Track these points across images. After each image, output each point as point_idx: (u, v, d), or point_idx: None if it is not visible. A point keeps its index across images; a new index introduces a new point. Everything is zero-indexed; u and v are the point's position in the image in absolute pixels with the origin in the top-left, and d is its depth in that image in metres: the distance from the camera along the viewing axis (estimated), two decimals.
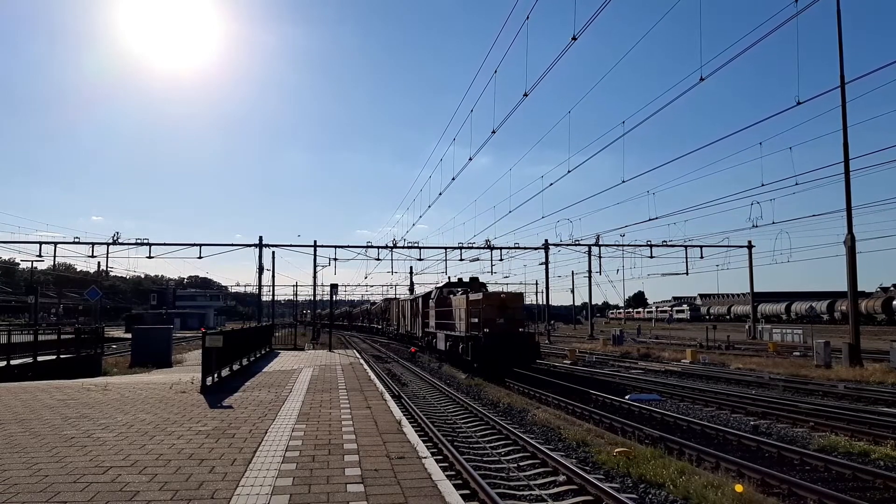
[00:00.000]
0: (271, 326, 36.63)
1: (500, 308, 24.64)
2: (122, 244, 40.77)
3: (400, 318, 48.74)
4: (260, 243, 42.19)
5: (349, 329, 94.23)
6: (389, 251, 45.75)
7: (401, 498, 5.95)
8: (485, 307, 24.55)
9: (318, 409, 11.63)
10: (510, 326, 24.35)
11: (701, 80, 14.10)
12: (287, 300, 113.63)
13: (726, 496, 7.69)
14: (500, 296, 25.93)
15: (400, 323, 48.78)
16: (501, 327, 24.07)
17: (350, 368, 21.02)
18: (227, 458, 7.55)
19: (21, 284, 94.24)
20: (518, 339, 24.24)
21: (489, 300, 25.06)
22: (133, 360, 26.48)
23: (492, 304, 24.76)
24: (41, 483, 6.38)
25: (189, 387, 14.87)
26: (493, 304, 24.81)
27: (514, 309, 25.15)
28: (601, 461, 10.00)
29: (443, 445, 10.81)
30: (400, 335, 49.37)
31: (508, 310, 24.75)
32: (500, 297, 25.66)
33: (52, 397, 13.35)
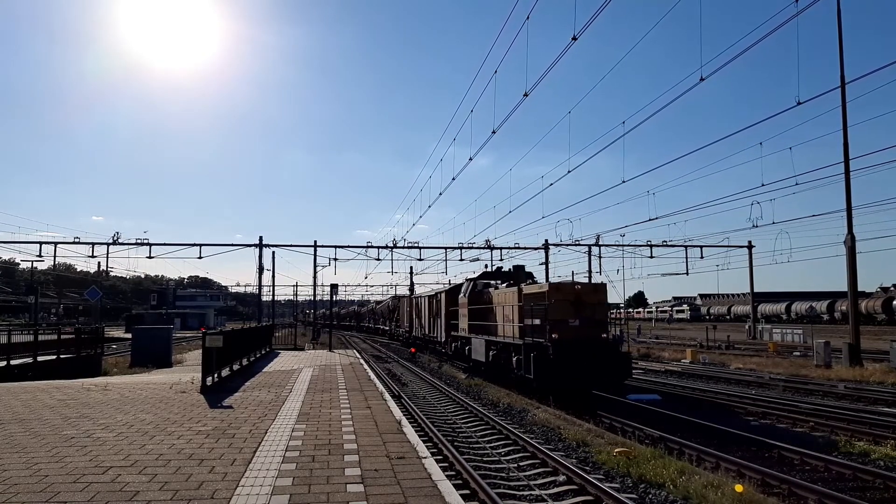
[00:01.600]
0: (271, 326, 36.64)
1: (576, 304, 17.44)
2: (122, 244, 40.74)
3: (413, 318, 41.38)
4: (260, 243, 42.18)
5: (349, 329, 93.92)
6: (389, 251, 45.71)
7: (401, 498, 5.95)
8: (553, 304, 17.20)
9: (318, 409, 11.63)
10: (590, 330, 17.33)
11: (701, 80, 14.10)
12: (287, 300, 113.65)
13: (726, 496, 7.68)
14: (574, 287, 18.16)
15: (414, 325, 41.22)
16: (577, 332, 17.15)
17: (350, 368, 21.02)
18: (227, 458, 7.55)
19: (21, 284, 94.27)
20: (602, 349, 17.21)
21: (559, 293, 17.65)
22: (133, 360, 26.49)
23: (563, 300, 17.39)
24: (41, 483, 6.39)
25: (189, 387, 14.87)
26: (564, 298, 17.45)
27: (594, 306, 17.74)
28: (601, 461, 9.99)
29: (443, 445, 10.81)
30: (414, 339, 41.07)
31: (586, 307, 17.51)
32: (575, 288, 18.07)
33: (52, 397, 13.35)
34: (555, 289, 18.03)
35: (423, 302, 38.04)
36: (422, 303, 38.40)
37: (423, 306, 37.74)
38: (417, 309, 40.02)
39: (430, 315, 34.99)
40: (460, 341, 27.10)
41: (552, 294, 17.58)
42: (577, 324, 17.28)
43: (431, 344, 35.14)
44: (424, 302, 37.26)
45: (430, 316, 34.96)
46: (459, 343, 27.25)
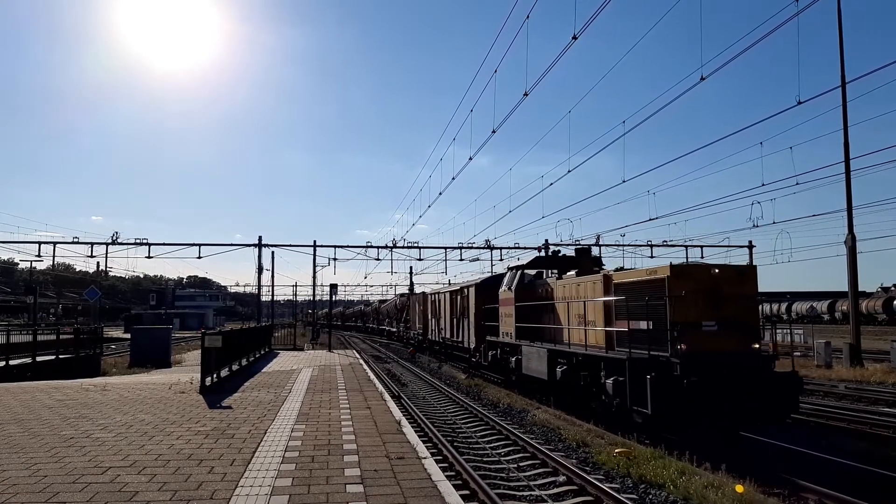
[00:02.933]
0: (271, 326, 36.60)
1: (712, 299, 11.46)
2: (122, 244, 40.67)
3: (429, 319, 35.04)
4: (259, 243, 42.13)
5: (350, 330, 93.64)
6: (389, 251, 45.63)
7: (400, 498, 5.93)
8: (680, 298, 11.34)
9: (318, 409, 11.62)
10: (733, 338, 11.48)
11: (701, 79, 14.08)
12: (287, 300, 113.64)
13: (727, 496, 7.67)
14: (709, 272, 11.82)
15: (430, 327, 34.82)
16: (716, 341, 11.35)
17: (350, 369, 21.00)
18: (226, 458, 7.53)
19: (20, 284, 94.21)
20: (754, 367, 11.55)
21: (687, 280, 11.53)
22: (132, 361, 26.45)
23: (694, 291, 11.42)
24: (40, 483, 6.37)
25: (188, 387, 14.85)
26: (695, 289, 11.44)
27: (738, 301, 11.64)
28: (601, 461, 9.97)
29: (442, 446, 10.78)
30: (429, 344, 35.26)
31: (727, 303, 11.49)
32: (711, 274, 11.76)
33: (51, 397, 13.33)
34: (680, 274, 11.60)
35: (442, 299, 31.12)
36: (440, 300, 31.48)
37: (442, 304, 30.96)
38: (434, 308, 33.42)
39: (452, 315, 28.47)
40: (502, 349, 20.75)
41: (676, 282, 11.43)
42: (713, 328, 11.39)
43: (455, 350, 28.66)
44: (444, 299, 30.53)
45: (452, 316, 28.55)
46: (500, 352, 20.94)
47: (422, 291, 41.80)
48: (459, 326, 27.20)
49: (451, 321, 28.86)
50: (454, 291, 28.82)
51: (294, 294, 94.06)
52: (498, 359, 21.17)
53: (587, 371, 13.91)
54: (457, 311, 27.80)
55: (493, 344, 21.79)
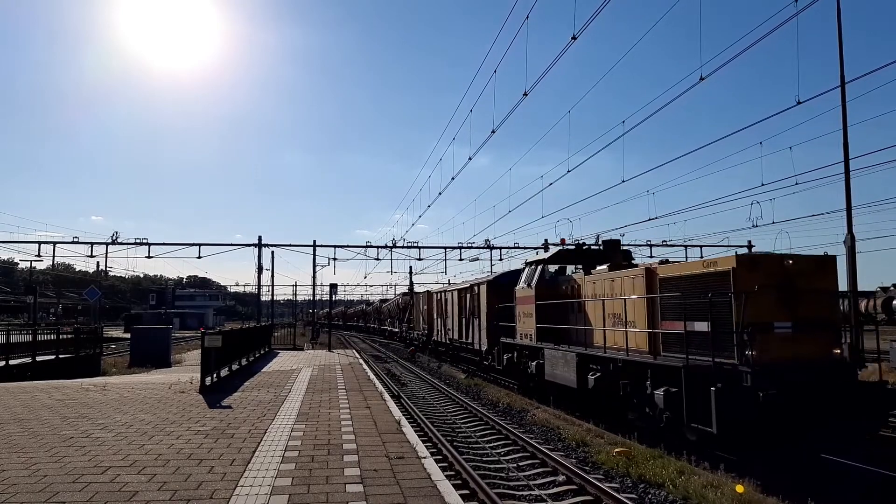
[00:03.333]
0: (270, 326, 36.61)
1: (786, 295, 9.85)
2: (122, 244, 40.63)
3: (434, 319, 33.55)
4: (259, 243, 42.12)
5: (351, 330, 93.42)
6: (389, 251, 45.62)
7: (400, 498, 5.94)
8: (759, 294, 9.59)
9: (318, 409, 11.62)
10: (811, 341, 9.89)
11: (701, 79, 14.08)
12: (286, 300, 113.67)
13: (726, 496, 7.68)
14: (781, 264, 10.12)
15: (436, 327, 33.16)
16: (792, 346, 9.74)
17: (349, 368, 21.00)
18: (226, 458, 7.54)
19: (20, 284, 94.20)
20: (837, 377, 9.87)
21: (757, 273, 9.85)
22: (132, 360, 26.46)
23: (766, 287, 9.72)
24: (40, 483, 6.37)
25: (188, 387, 14.85)
26: (766, 283, 9.77)
27: (817, 297, 10.05)
28: (601, 461, 9.98)
29: (442, 445, 10.79)
30: (435, 346, 33.57)
31: (803, 299, 9.89)
32: (784, 265, 10.07)
33: (51, 397, 13.34)
34: (748, 266, 9.85)
35: (449, 298, 29.31)
36: (448, 299, 29.63)
37: (449, 303, 29.12)
38: (441, 307, 31.42)
39: (460, 315, 26.91)
40: (519, 352, 18.65)
41: (743, 276, 9.68)
42: (788, 330, 9.70)
43: (463, 352, 26.96)
44: (452, 297, 28.77)
45: (460, 316, 26.93)
46: (517, 355, 18.84)
47: (426, 290, 38.69)
48: (469, 327, 25.34)
49: (460, 321, 27.03)
50: (463, 289, 26.75)
51: (294, 294, 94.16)
52: (514, 363, 18.99)
53: (627, 379, 12.00)
54: (466, 310, 25.92)
55: (508, 346, 19.51)
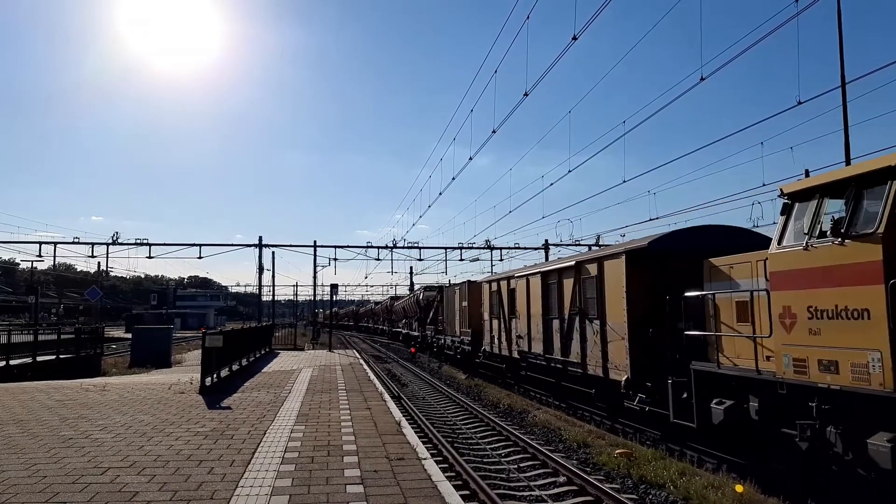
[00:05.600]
0: (271, 326, 36.61)
1: None
2: (122, 244, 40.65)
3: (489, 321, 22.59)
4: (260, 243, 42.12)
5: (348, 330, 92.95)
6: (389, 251, 45.63)
7: (400, 499, 5.92)
8: None
9: (318, 409, 11.61)
10: None
11: (701, 79, 14.02)
12: (287, 300, 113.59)
13: (727, 496, 7.66)
14: None
15: (492, 332, 22.07)
16: None
17: (350, 369, 20.99)
18: (225, 458, 7.53)
19: (21, 284, 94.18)
20: None
21: None
22: (132, 361, 26.48)
23: None
24: (40, 483, 6.36)
25: (188, 387, 14.84)
26: None
27: None
28: (602, 462, 9.96)
29: (442, 447, 10.78)
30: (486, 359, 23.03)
31: None
32: None
33: (51, 398, 13.32)
34: None
35: (521, 287, 18.98)
36: (516, 289, 19.50)
37: (521, 296, 18.87)
38: (500, 302, 21.06)
39: (550, 313, 16.68)
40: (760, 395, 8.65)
41: None
42: None
43: (557, 376, 16.39)
44: (527, 286, 18.40)
45: (549, 315, 16.70)
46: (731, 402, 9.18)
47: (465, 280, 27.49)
48: (573, 336, 14.93)
49: (547, 324, 16.70)
50: (556, 270, 16.32)
51: (294, 294, 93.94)
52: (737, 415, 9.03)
53: None
54: (563, 305, 15.61)
55: (706, 379, 9.72)
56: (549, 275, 16.87)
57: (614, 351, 12.70)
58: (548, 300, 16.83)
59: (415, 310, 41.57)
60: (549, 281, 16.82)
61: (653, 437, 11.75)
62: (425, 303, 37.40)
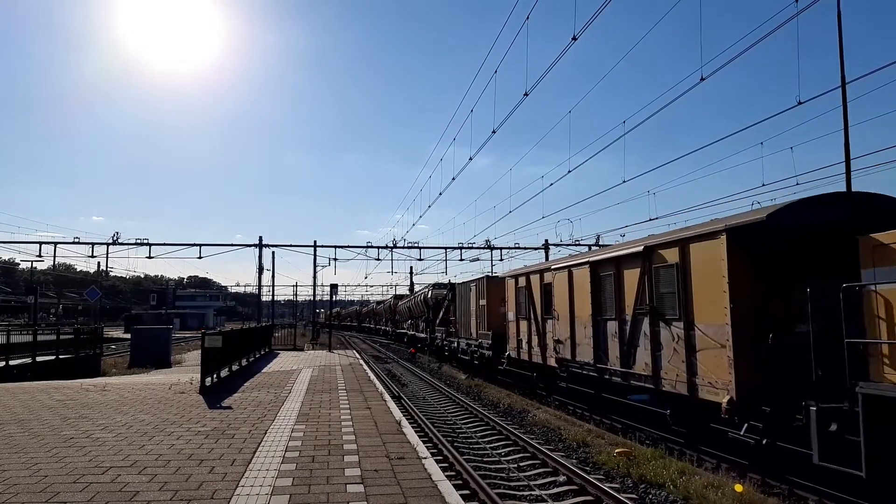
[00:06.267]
0: (271, 327, 36.60)
1: None
2: (122, 244, 40.60)
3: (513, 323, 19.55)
4: (260, 243, 42.10)
5: (349, 330, 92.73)
6: (389, 251, 45.58)
7: (401, 498, 5.94)
8: None
9: (318, 409, 11.61)
10: None
11: (701, 80, 14.04)
12: (287, 300, 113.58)
13: (727, 496, 7.68)
14: None
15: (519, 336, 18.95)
16: None
17: (350, 369, 20.99)
18: (226, 458, 7.54)
19: (21, 284, 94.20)
20: None
21: None
22: (132, 361, 26.47)
23: None
24: (41, 483, 6.37)
25: (188, 387, 14.85)
26: None
27: None
28: (602, 461, 9.98)
29: (443, 446, 10.80)
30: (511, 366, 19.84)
31: None
32: None
33: (51, 398, 13.33)
34: None
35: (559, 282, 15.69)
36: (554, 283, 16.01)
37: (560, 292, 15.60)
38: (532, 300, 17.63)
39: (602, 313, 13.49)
40: None
41: None
42: None
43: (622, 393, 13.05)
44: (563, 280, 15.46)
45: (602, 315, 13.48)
46: None
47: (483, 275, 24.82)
48: (637, 342, 11.96)
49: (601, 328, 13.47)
50: (619, 258, 12.78)
51: (294, 294, 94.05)
52: None
53: None
54: (625, 302, 12.42)
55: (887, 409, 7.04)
56: (602, 265, 13.67)
57: (708, 363, 9.74)
58: (600, 297, 13.65)
59: (422, 309, 38.31)
60: (601, 273, 13.65)
61: (652, 437, 11.76)
62: (434, 302, 34.52)
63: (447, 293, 31.40)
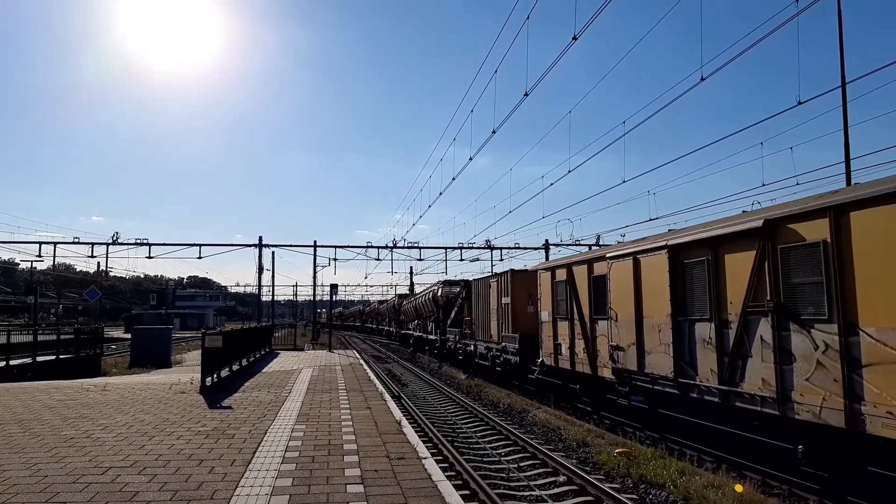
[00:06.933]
0: (271, 326, 36.60)
1: None
2: (122, 244, 40.61)
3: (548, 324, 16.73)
4: (260, 243, 42.11)
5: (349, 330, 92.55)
6: (389, 251, 45.59)
7: (401, 498, 5.94)
8: None
9: (318, 409, 11.61)
10: None
11: (701, 79, 14.04)
12: (287, 300, 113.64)
13: (727, 496, 7.68)
14: None
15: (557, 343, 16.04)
16: None
17: (350, 369, 20.99)
18: (226, 458, 7.54)
19: (21, 284, 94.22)
20: None
21: None
22: (132, 361, 26.47)
23: None
24: (41, 483, 6.37)
25: (188, 387, 14.85)
26: None
27: None
28: (602, 461, 9.98)
29: (443, 446, 10.80)
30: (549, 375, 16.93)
31: None
32: None
33: (52, 398, 13.33)
34: None
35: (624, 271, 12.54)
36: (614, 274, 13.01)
37: (624, 285, 12.54)
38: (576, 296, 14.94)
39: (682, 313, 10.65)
40: None
41: None
42: None
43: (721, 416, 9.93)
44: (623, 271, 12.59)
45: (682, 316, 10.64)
46: None
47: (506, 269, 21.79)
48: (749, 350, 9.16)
49: (684, 331, 10.64)
50: (717, 239, 9.89)
51: (294, 294, 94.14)
52: None
53: None
54: (726, 298, 9.68)
55: None
56: (689, 249, 10.50)
57: (883, 383, 7.06)
58: (683, 291, 10.61)
59: (431, 309, 35.03)
60: (685, 259, 10.58)
61: (652, 437, 11.76)
62: (445, 300, 31.70)
63: (460, 290, 29.50)
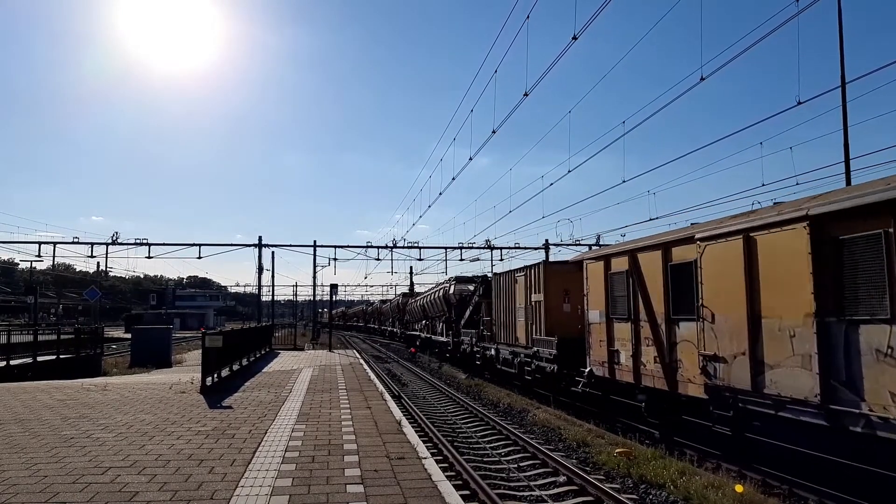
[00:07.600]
0: (271, 326, 36.61)
1: None
2: (122, 244, 40.56)
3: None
4: (259, 243, 42.08)
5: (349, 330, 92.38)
6: (389, 251, 45.55)
7: (401, 498, 5.93)
8: None
9: (318, 409, 11.61)
10: None
11: (701, 79, 14.04)
12: (287, 300, 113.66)
13: (727, 496, 7.68)
14: None
15: (613, 349, 13.19)
16: None
17: (350, 369, 20.99)
18: (226, 458, 7.54)
19: (20, 284, 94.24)
20: None
21: None
22: (132, 361, 26.49)
23: None
24: (40, 483, 6.37)
25: (189, 387, 14.85)
26: None
27: None
28: (602, 461, 9.98)
29: (443, 446, 10.79)
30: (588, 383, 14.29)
31: None
32: None
33: (52, 397, 13.33)
34: None
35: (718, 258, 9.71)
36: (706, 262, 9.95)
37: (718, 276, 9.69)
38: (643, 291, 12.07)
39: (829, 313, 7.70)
40: None
41: None
42: None
43: None
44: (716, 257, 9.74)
45: (830, 317, 7.69)
46: None
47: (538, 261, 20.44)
48: None
49: (832, 335, 7.66)
50: None
51: (294, 294, 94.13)
52: None
53: None
54: None
55: None
56: (840, 223, 7.68)
57: None
58: (834, 281, 7.67)
59: (441, 308, 32.17)
60: (837, 235, 7.65)
61: (652, 437, 11.75)
62: (458, 299, 28.89)
63: (476, 288, 27.09)
